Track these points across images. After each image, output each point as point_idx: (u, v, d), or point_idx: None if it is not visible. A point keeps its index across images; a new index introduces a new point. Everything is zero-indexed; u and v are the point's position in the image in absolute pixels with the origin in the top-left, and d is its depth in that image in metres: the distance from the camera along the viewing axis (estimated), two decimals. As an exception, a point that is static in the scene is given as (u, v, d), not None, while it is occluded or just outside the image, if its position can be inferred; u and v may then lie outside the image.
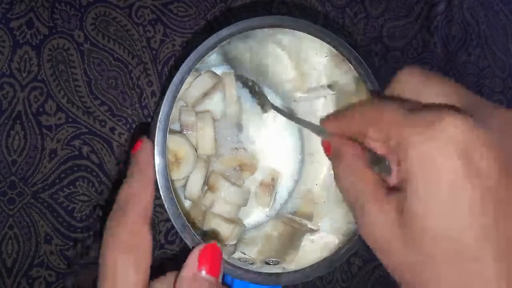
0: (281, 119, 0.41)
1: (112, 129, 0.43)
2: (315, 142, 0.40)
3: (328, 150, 0.26)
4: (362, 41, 0.53)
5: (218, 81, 0.38)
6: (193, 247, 0.26)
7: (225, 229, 0.35)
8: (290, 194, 0.42)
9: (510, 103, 0.62)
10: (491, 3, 0.62)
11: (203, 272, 0.25)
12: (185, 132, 0.36)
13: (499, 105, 0.21)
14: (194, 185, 0.35)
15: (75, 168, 0.42)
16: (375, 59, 0.54)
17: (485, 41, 0.61)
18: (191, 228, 0.28)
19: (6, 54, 0.40)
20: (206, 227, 0.35)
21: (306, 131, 0.41)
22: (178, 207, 0.28)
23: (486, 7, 0.62)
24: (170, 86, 0.27)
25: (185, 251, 0.27)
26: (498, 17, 0.63)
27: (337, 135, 0.26)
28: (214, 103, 0.38)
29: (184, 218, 0.28)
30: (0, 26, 0.40)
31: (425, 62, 0.57)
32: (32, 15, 0.41)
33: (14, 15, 0.41)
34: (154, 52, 0.44)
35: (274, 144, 0.42)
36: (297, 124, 0.40)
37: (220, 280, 0.26)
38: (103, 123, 0.43)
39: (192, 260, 0.26)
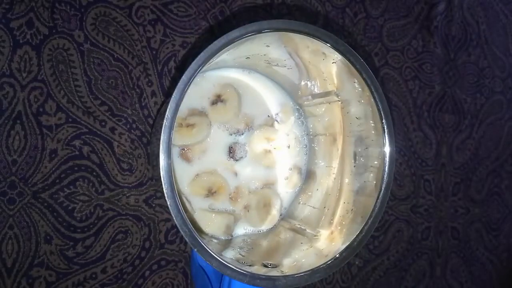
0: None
1: (112, 129, 0.43)
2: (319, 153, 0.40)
3: None
4: (362, 41, 0.53)
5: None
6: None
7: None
8: (292, 201, 0.42)
9: (510, 103, 0.62)
10: (491, 3, 0.62)
11: None
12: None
13: None
14: None
15: (76, 168, 0.42)
16: (375, 59, 0.54)
17: (485, 41, 0.61)
18: (192, 227, 0.28)
19: (6, 54, 0.40)
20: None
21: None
22: (181, 206, 0.28)
23: (486, 7, 0.62)
24: (178, 85, 0.27)
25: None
26: (498, 17, 0.63)
27: None
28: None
29: (186, 216, 0.28)
30: (0, 26, 0.40)
31: (425, 62, 0.57)
32: (32, 15, 0.41)
33: (14, 15, 0.41)
34: (154, 52, 0.44)
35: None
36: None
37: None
38: (103, 123, 0.43)
39: None
